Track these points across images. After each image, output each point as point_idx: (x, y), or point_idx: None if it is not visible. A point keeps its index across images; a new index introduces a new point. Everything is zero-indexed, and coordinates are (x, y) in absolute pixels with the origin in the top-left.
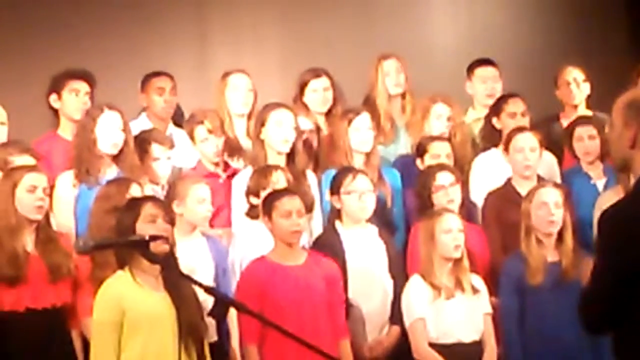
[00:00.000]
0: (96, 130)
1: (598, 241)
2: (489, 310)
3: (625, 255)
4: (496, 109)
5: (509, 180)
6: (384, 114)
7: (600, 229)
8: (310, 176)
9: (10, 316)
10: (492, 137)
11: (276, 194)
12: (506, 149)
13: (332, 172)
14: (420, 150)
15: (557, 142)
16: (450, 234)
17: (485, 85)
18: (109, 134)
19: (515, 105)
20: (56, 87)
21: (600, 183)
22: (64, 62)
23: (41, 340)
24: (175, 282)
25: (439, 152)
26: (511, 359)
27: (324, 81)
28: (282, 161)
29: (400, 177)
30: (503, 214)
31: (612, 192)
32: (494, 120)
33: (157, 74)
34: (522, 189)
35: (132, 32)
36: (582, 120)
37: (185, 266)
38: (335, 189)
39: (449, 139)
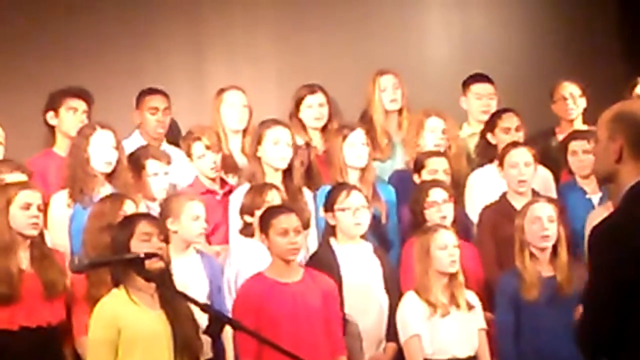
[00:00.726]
0: (89, 149)
1: (589, 259)
2: (484, 326)
3: (617, 272)
4: (490, 124)
5: (504, 194)
6: (380, 130)
7: (590, 246)
8: (307, 193)
9: (4, 335)
10: (487, 153)
11: (273, 212)
12: (501, 164)
13: (327, 188)
14: (418, 165)
15: (553, 156)
16: (445, 250)
17: (481, 101)
18: (102, 152)
19: (510, 121)
20: (54, 104)
21: (595, 197)
22: (59, 80)
23: (35, 358)
24: (171, 300)
25: (436, 168)
26: None
27: (319, 97)
28: (278, 178)
29: (396, 193)
30: (498, 228)
31: (603, 208)
32: (489, 136)
33: (151, 92)
34: (517, 203)
35: (128, 49)
36: (576, 135)
37: (179, 283)
38: (329, 205)
39: (444, 153)
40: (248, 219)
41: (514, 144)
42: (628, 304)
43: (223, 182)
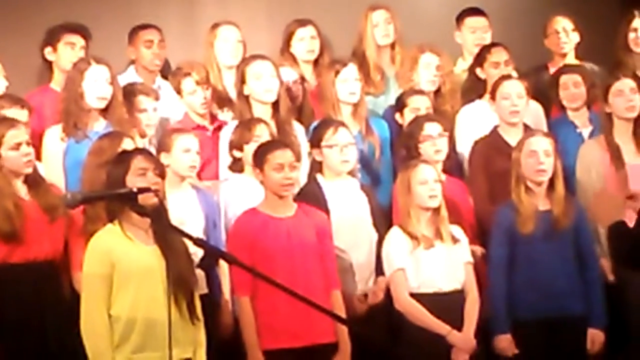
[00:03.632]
0: (83, 84)
1: None
2: (470, 259)
3: None
4: (480, 58)
5: (495, 128)
6: (373, 65)
7: None
8: (297, 126)
9: (4, 269)
10: (476, 88)
11: (268, 146)
12: (493, 97)
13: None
14: (400, 104)
15: (545, 91)
16: (426, 185)
17: (475, 35)
18: (97, 87)
19: (499, 55)
20: (51, 39)
21: (585, 131)
22: (52, 16)
23: (33, 292)
24: (165, 235)
25: (418, 106)
26: (496, 309)
27: (310, 30)
28: (268, 113)
29: (390, 128)
30: (490, 162)
31: (595, 142)
32: (478, 71)
33: (144, 26)
34: (509, 136)
35: None
36: (567, 69)
37: (174, 218)
38: (316, 141)
39: (438, 89)
40: (237, 154)
41: (506, 77)
42: None
43: (213, 118)
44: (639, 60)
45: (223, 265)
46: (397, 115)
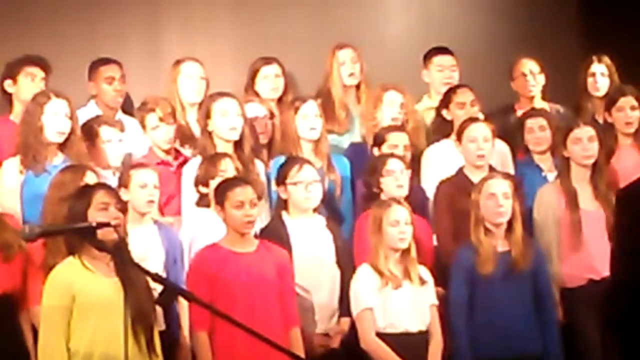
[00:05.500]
0: (43, 118)
1: (615, 221)
2: (435, 301)
3: (631, 233)
4: (445, 99)
5: (461, 169)
6: (338, 104)
7: (617, 207)
8: (259, 164)
9: None
10: (442, 128)
11: (228, 184)
12: (459, 139)
13: (281, 159)
14: (378, 140)
15: (511, 133)
16: (397, 226)
17: (443, 73)
18: (56, 121)
19: (464, 96)
20: (11, 72)
21: (551, 176)
22: (15, 49)
23: None
24: (126, 269)
25: (396, 143)
26: (457, 349)
27: (274, 68)
28: (229, 150)
29: (352, 165)
30: (455, 202)
31: (553, 185)
32: (444, 112)
33: (105, 61)
34: (475, 177)
35: (83, 18)
36: (532, 113)
37: (134, 254)
38: (281, 179)
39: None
40: (203, 189)
41: (473, 119)
42: None
43: (177, 154)
44: (598, 105)
45: (182, 301)
46: (375, 150)
